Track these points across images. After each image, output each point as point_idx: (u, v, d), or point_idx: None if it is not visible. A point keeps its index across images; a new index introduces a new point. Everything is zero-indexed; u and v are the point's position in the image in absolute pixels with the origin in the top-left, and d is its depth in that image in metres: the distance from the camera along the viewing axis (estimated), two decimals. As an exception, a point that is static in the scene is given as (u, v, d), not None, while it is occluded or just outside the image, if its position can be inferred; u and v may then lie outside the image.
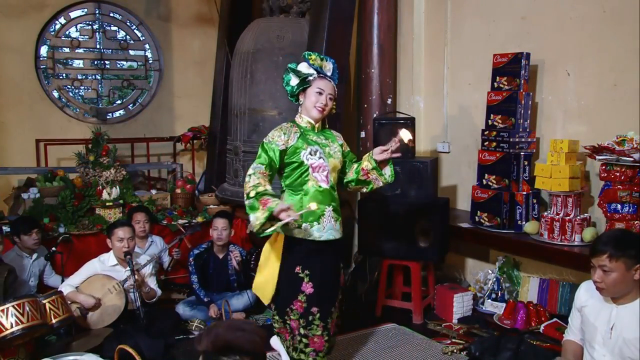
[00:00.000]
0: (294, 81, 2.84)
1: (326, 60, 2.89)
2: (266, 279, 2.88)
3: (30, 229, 3.91)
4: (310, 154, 2.78)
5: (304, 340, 2.82)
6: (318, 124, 2.90)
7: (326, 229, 2.80)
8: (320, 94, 2.81)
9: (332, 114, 2.98)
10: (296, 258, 2.79)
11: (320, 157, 2.80)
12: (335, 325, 2.96)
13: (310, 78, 2.82)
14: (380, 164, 2.90)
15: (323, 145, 2.86)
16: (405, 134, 2.84)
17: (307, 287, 2.79)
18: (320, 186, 2.79)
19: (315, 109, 2.82)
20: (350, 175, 2.99)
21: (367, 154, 2.95)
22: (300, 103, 2.88)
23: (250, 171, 2.71)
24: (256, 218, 2.54)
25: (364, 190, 3.04)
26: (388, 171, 2.94)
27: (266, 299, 2.90)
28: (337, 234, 2.86)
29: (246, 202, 2.63)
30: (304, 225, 2.77)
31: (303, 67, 2.83)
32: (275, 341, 3.20)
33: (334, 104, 2.92)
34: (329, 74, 2.87)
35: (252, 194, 2.60)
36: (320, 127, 2.94)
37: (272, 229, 2.55)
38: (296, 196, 2.80)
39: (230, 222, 4.19)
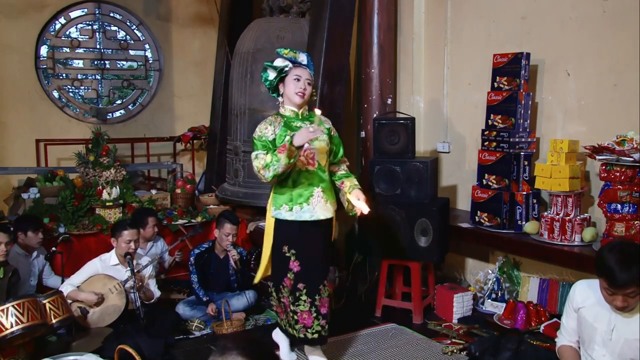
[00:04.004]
0: (272, 75, 2.99)
1: (299, 52, 3.04)
2: (262, 258, 3.11)
3: (37, 227, 3.94)
4: None
5: (295, 316, 2.97)
6: (302, 110, 3.06)
7: (316, 209, 2.96)
8: (298, 80, 2.97)
9: (314, 99, 3.19)
10: (282, 239, 2.98)
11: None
12: (330, 308, 3.06)
13: (287, 68, 2.98)
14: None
15: None
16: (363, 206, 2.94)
17: (294, 265, 2.96)
18: (307, 169, 2.96)
19: (296, 95, 2.98)
20: (335, 171, 3.15)
21: (355, 184, 3.08)
22: (281, 93, 3.04)
23: (256, 153, 2.90)
24: (284, 156, 2.75)
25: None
26: (353, 209, 3.06)
27: (257, 277, 3.16)
28: (328, 214, 3.01)
29: (269, 171, 2.80)
30: (295, 207, 2.93)
31: (278, 62, 2.99)
32: (275, 334, 3.27)
33: (314, 90, 3.08)
34: (303, 63, 3.02)
35: (268, 156, 2.82)
36: (305, 113, 3.08)
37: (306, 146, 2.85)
38: (286, 181, 2.96)
39: (238, 227, 4.19)
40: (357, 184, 3.09)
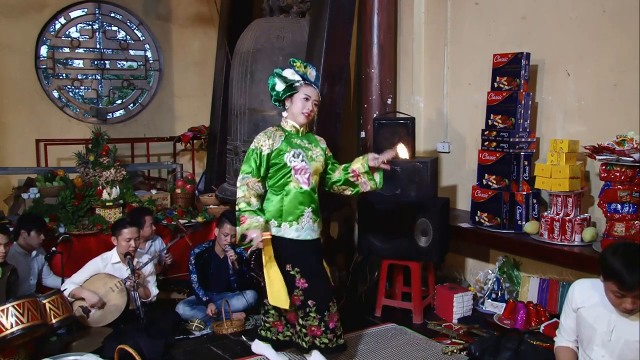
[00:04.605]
0: (280, 86, 2.98)
1: (310, 67, 3.06)
2: (275, 284, 2.92)
3: (41, 228, 3.92)
4: (293, 156, 2.94)
5: (304, 330, 2.97)
6: (302, 128, 3.06)
7: (304, 229, 2.96)
8: (307, 100, 2.98)
9: (315, 119, 3.23)
10: (285, 257, 2.94)
11: (302, 160, 2.95)
12: (339, 321, 3.04)
13: (297, 84, 2.96)
14: (370, 169, 3.04)
15: (306, 148, 3.01)
16: (402, 150, 3.00)
17: (301, 283, 2.94)
18: (301, 188, 2.95)
19: (302, 115, 2.99)
20: (337, 175, 3.13)
21: (361, 157, 3.07)
22: (286, 108, 3.03)
23: (238, 183, 2.92)
24: (237, 231, 2.86)
25: (348, 192, 3.18)
26: (377, 177, 3.10)
27: (284, 303, 2.91)
28: (315, 234, 3.02)
29: (237, 204, 2.91)
30: (283, 224, 2.92)
31: (289, 74, 2.97)
32: (256, 346, 3.28)
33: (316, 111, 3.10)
34: (312, 80, 3.03)
35: (237, 207, 2.89)
36: (305, 131, 3.09)
37: (243, 246, 2.91)
38: (277, 196, 2.95)
39: None
40: (365, 156, 3.06)
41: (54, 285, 3.92)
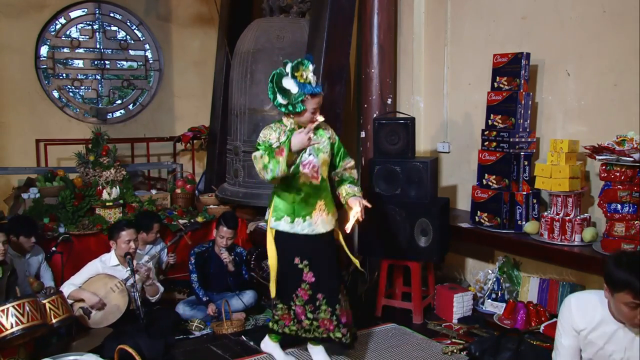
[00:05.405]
0: (283, 101, 2.82)
1: (307, 67, 2.81)
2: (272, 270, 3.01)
3: (30, 233, 3.87)
4: None
5: (315, 322, 2.95)
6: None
7: (318, 223, 2.93)
8: (314, 112, 2.86)
9: None
10: (293, 250, 2.92)
11: (310, 154, 2.90)
12: (350, 314, 3.05)
13: (304, 99, 2.80)
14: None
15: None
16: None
17: (308, 276, 2.93)
18: (311, 182, 2.91)
19: (310, 122, 2.87)
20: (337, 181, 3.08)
21: (349, 195, 2.97)
22: (292, 117, 2.91)
23: (255, 154, 2.80)
24: (284, 160, 2.62)
25: None
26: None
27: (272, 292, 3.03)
28: (329, 226, 2.98)
29: (268, 173, 2.70)
30: (296, 220, 2.89)
31: (292, 86, 2.78)
32: (265, 344, 3.27)
33: None
34: (314, 85, 2.83)
35: (266, 157, 2.70)
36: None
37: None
38: (288, 193, 2.91)
39: (236, 232, 4.18)
40: (352, 192, 2.97)
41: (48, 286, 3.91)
